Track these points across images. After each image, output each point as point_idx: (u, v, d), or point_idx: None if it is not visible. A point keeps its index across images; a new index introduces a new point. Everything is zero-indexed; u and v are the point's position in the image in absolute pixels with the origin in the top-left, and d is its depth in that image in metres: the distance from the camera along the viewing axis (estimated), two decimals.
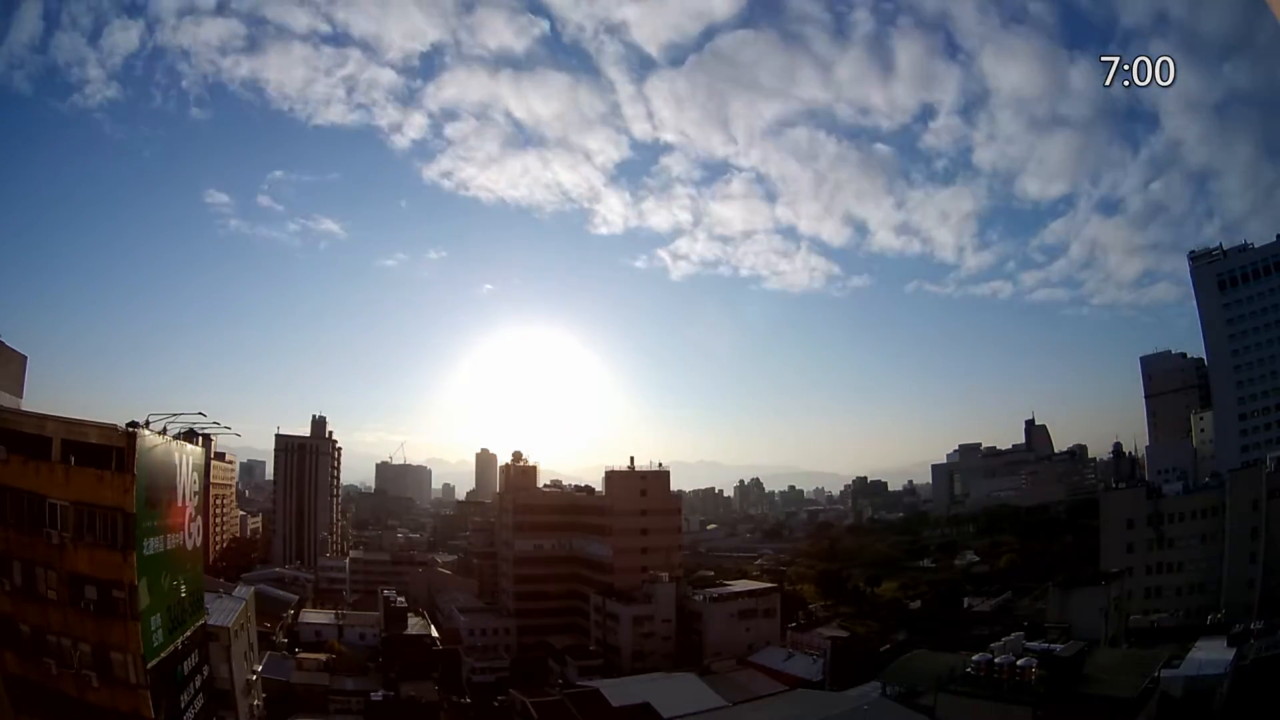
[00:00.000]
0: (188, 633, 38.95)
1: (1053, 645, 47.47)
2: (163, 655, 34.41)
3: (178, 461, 38.61)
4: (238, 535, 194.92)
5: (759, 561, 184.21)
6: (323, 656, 79.00)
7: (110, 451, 32.62)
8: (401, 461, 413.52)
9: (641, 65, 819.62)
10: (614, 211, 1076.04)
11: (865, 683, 59.47)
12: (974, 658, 44.03)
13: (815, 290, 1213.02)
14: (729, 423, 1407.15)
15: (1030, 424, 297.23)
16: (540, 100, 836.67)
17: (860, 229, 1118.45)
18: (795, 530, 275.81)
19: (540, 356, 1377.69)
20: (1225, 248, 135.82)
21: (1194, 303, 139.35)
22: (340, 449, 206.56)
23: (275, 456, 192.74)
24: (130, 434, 32.86)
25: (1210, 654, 53.18)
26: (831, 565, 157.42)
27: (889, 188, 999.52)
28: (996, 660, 42.44)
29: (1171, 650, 54.75)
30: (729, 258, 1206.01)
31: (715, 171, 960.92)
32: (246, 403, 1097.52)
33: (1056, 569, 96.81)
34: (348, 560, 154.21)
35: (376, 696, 70.64)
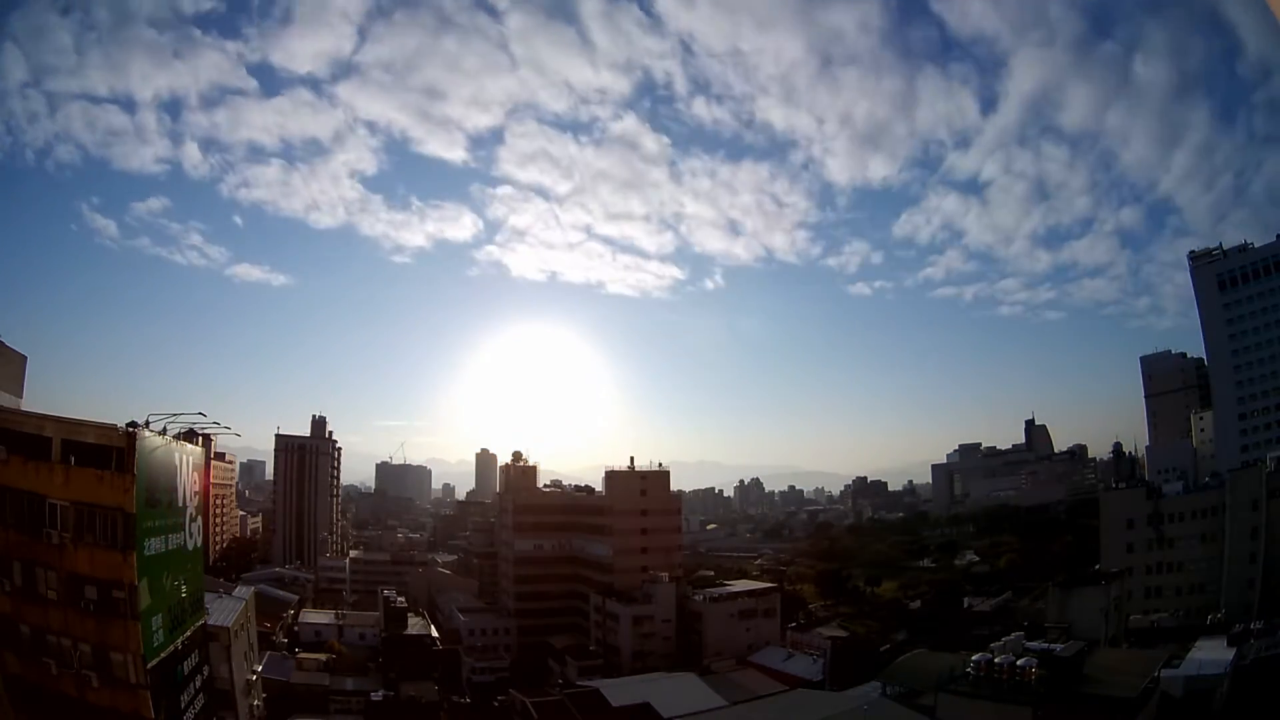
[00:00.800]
0: (188, 633, 38.91)
1: (1053, 645, 47.38)
2: (163, 655, 34.38)
3: (178, 461, 38.61)
4: (238, 535, 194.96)
5: (759, 561, 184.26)
6: (323, 656, 78.99)
7: (110, 452, 32.56)
8: (401, 461, 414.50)
9: (315, 84, 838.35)
10: (407, 224, 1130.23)
11: (865, 683, 59.29)
12: (974, 658, 43.91)
13: (663, 294, 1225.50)
14: (729, 423, 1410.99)
15: (1030, 424, 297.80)
16: (268, 122, 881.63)
17: (665, 224, 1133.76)
18: (795, 530, 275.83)
19: (542, 357, 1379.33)
20: (1225, 247, 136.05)
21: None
22: (340, 449, 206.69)
23: (275, 456, 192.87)
24: (130, 434, 32.83)
25: (1210, 654, 53.16)
26: (831, 565, 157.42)
27: (671, 177, 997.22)
28: (996, 660, 42.38)
29: (1171, 650, 54.76)
30: (550, 264, 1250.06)
31: (465, 177, 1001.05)
32: (246, 403, 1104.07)
33: (1056, 569, 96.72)
34: (348, 560, 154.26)
35: (376, 696, 70.66)
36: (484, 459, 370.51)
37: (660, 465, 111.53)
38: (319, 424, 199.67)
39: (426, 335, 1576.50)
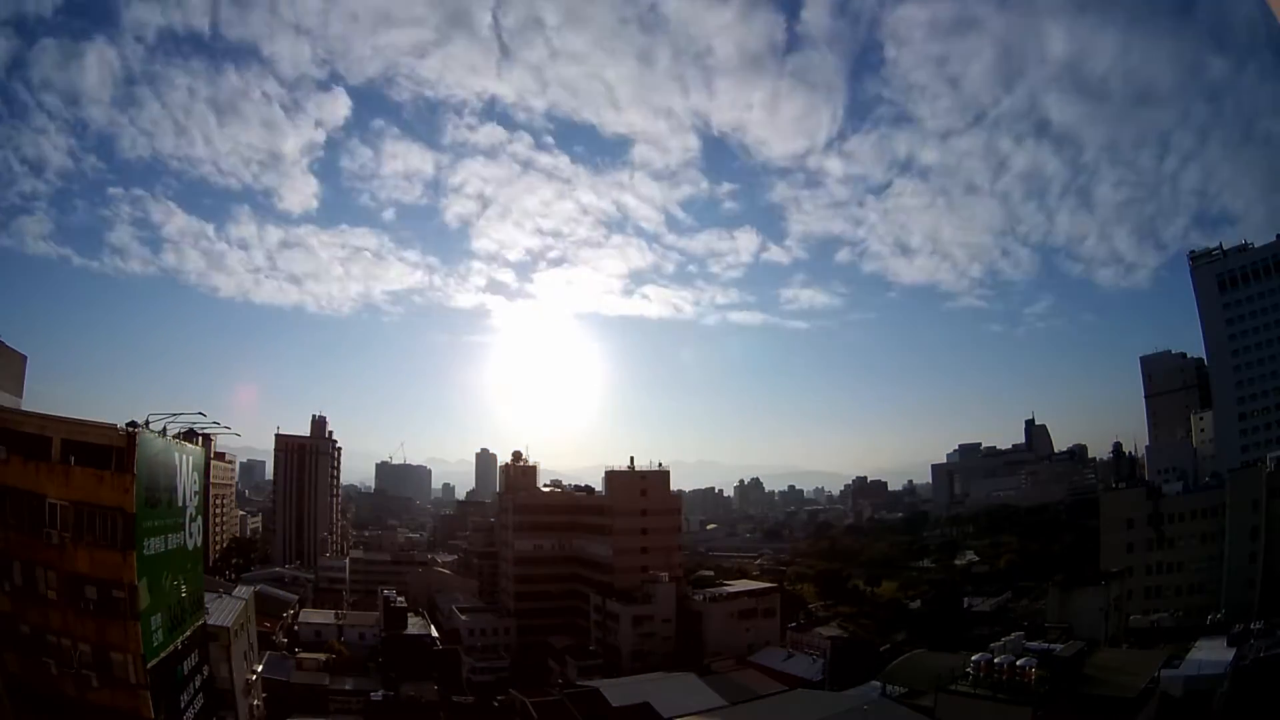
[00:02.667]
0: (188, 633, 38.92)
1: (1053, 645, 47.42)
2: (163, 655, 34.37)
3: (178, 461, 38.60)
4: (238, 535, 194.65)
5: (759, 561, 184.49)
6: (323, 656, 78.95)
7: (110, 451, 32.56)
8: (401, 461, 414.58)
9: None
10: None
11: (865, 683, 59.35)
12: (974, 658, 43.84)
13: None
14: (729, 423, 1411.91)
15: (1030, 424, 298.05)
16: None
17: None
18: (795, 530, 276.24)
19: (541, 358, 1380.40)
20: (1225, 248, 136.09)
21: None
22: (340, 449, 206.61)
23: (275, 456, 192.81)
24: (130, 434, 32.82)
25: (1210, 654, 53.18)
26: (831, 565, 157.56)
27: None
28: (996, 660, 42.33)
29: (1171, 650, 54.75)
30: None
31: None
32: (246, 403, 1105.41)
33: (1056, 569, 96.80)
34: (348, 560, 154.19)
35: (376, 696, 70.68)
36: (484, 459, 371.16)
37: (660, 465, 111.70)
38: (319, 424, 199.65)
39: (427, 335, 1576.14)
